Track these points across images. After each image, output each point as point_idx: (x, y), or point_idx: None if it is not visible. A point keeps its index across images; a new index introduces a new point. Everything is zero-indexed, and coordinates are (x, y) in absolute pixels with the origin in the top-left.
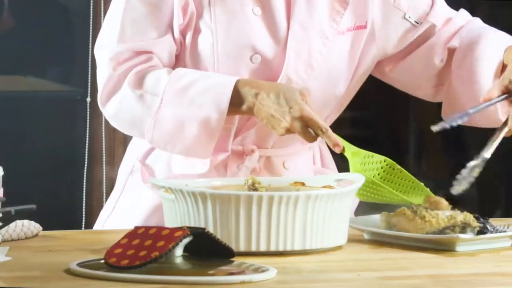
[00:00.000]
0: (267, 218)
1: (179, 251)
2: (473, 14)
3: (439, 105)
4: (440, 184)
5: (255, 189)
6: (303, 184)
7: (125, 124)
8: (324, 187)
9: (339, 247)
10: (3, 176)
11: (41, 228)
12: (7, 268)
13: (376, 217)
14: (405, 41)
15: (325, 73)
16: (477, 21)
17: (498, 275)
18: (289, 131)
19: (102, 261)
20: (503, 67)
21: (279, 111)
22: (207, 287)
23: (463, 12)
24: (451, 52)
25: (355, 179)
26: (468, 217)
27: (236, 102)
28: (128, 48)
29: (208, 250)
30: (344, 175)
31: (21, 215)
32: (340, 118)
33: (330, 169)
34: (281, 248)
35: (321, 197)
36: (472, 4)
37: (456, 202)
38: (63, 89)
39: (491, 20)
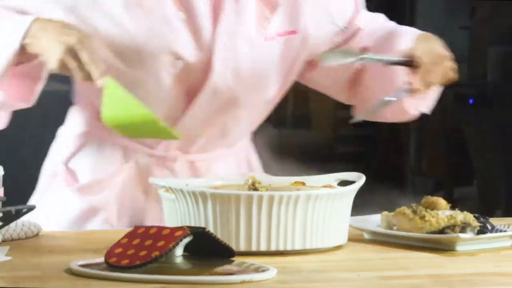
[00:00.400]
0: (267, 218)
1: (179, 250)
2: (473, 14)
3: (439, 105)
4: (440, 184)
5: (255, 189)
6: (303, 183)
7: None
8: (324, 186)
9: (339, 247)
10: (3, 176)
11: (41, 228)
12: (7, 268)
13: (376, 217)
14: (330, 45)
15: (254, 79)
16: (382, 19)
17: (498, 275)
18: (61, 64)
19: (102, 261)
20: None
21: (55, 40)
22: (207, 287)
23: (378, 15)
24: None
25: (356, 178)
26: (468, 216)
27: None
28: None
29: (208, 250)
30: (344, 175)
31: (21, 215)
32: (340, 118)
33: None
34: (281, 248)
35: (321, 196)
36: (472, 4)
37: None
38: (65, 88)
39: (491, 19)
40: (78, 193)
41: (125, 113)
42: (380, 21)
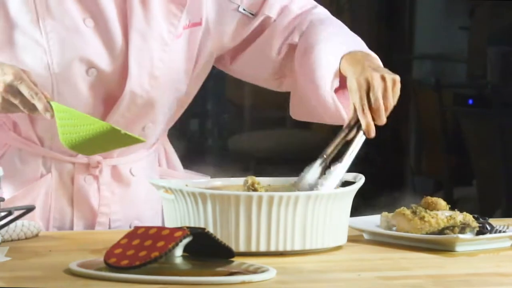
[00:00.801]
0: (267, 218)
1: (179, 251)
2: (473, 14)
3: (438, 105)
4: (440, 184)
5: (255, 189)
6: None
7: None
8: None
9: (339, 247)
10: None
11: (41, 228)
12: (7, 268)
13: (376, 217)
14: (242, 34)
15: (167, 79)
16: (317, 10)
17: (498, 275)
18: (5, 103)
19: (102, 261)
20: (341, 74)
21: None
22: (207, 287)
23: (306, 4)
24: (292, 47)
25: (356, 178)
26: (468, 217)
27: None
28: None
29: (208, 250)
30: (344, 175)
31: (21, 216)
32: None
33: (177, 170)
34: (281, 248)
35: (321, 197)
36: (471, 4)
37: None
38: None
39: (491, 20)
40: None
41: (81, 132)
42: (306, 9)
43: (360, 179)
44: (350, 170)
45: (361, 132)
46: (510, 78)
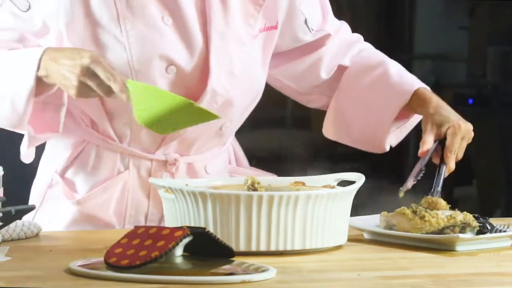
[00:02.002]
0: (267, 218)
1: (179, 251)
2: (473, 14)
3: None
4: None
5: (255, 189)
6: (303, 184)
7: None
8: (324, 186)
9: (339, 247)
10: (3, 176)
11: (41, 228)
12: (7, 268)
13: (376, 217)
14: (297, 44)
15: (245, 79)
16: (368, 45)
17: (498, 275)
18: (82, 87)
19: (102, 261)
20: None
21: (69, 65)
22: (207, 287)
23: (344, 25)
24: (341, 69)
25: (356, 178)
26: (468, 217)
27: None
28: None
29: (208, 250)
30: (344, 175)
31: (21, 215)
32: None
33: (243, 167)
34: (281, 248)
35: (321, 197)
36: (471, 4)
37: (455, 202)
38: None
39: (491, 20)
40: (78, 205)
41: (156, 108)
42: (354, 39)
43: (360, 179)
44: (350, 170)
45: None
46: (510, 78)
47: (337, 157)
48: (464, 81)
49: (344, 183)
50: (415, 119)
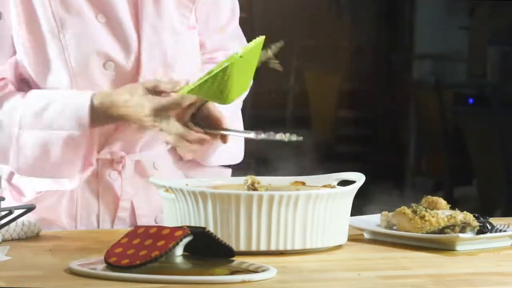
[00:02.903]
0: (267, 218)
1: (179, 250)
2: (473, 14)
3: (438, 105)
4: (440, 184)
5: (255, 189)
6: (303, 183)
7: None
8: (324, 186)
9: (339, 247)
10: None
11: (41, 228)
12: (7, 268)
13: (376, 217)
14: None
15: (183, 70)
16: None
17: (498, 275)
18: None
19: (102, 260)
20: None
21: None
22: (207, 287)
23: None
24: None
25: (356, 178)
26: (468, 216)
27: (95, 115)
28: None
29: (208, 249)
30: (344, 175)
31: (21, 215)
32: (341, 118)
33: (202, 166)
34: (281, 248)
35: (321, 196)
36: (471, 4)
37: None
38: None
39: (491, 20)
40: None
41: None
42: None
43: (361, 179)
44: (350, 170)
45: None
46: (510, 78)
47: (337, 157)
48: (464, 81)
49: (344, 183)
50: None
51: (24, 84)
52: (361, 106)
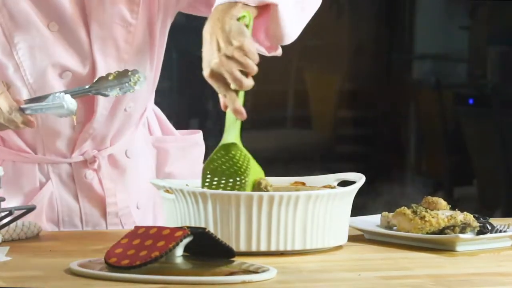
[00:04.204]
0: (267, 218)
1: (179, 251)
2: (474, 13)
3: (438, 105)
4: (440, 184)
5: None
6: (303, 184)
7: None
8: (324, 187)
9: (339, 247)
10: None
11: (41, 228)
12: (7, 268)
13: (377, 217)
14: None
15: (138, 59)
16: None
17: (498, 275)
18: None
19: (102, 261)
20: None
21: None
22: (208, 287)
23: None
24: None
25: (356, 178)
26: (468, 217)
27: None
28: None
29: (208, 250)
30: (344, 175)
31: (21, 215)
32: (341, 118)
33: (173, 135)
34: (281, 248)
35: (321, 197)
36: (471, 4)
37: (455, 202)
38: None
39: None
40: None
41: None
42: None
43: (360, 179)
44: (350, 170)
45: None
46: (510, 78)
47: (337, 157)
48: (464, 81)
49: (344, 183)
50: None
51: None
52: (361, 106)
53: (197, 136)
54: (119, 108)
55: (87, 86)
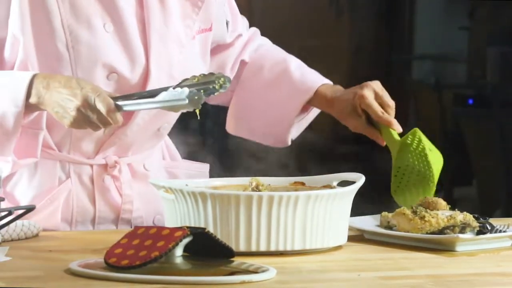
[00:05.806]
0: (267, 218)
1: (179, 251)
2: (473, 14)
3: (438, 105)
4: (440, 184)
5: (259, 191)
6: (303, 184)
7: None
8: (324, 187)
9: (339, 247)
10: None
11: (41, 228)
12: (7, 268)
13: (376, 217)
14: (215, 45)
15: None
16: (265, 40)
17: (498, 275)
18: (79, 117)
19: (102, 261)
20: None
21: (67, 94)
22: (207, 287)
23: (244, 20)
24: (242, 64)
25: (356, 178)
26: (468, 217)
27: (30, 95)
28: None
29: (208, 250)
30: (344, 175)
31: (20, 215)
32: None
33: (177, 160)
34: (281, 248)
35: (321, 197)
36: (471, 5)
37: (455, 202)
38: None
39: (491, 20)
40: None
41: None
42: (252, 33)
43: (360, 179)
44: (350, 170)
45: None
46: (510, 78)
47: (337, 157)
48: (464, 81)
49: (344, 184)
50: (315, 112)
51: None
52: None
53: (204, 167)
54: (154, 126)
55: (172, 87)
